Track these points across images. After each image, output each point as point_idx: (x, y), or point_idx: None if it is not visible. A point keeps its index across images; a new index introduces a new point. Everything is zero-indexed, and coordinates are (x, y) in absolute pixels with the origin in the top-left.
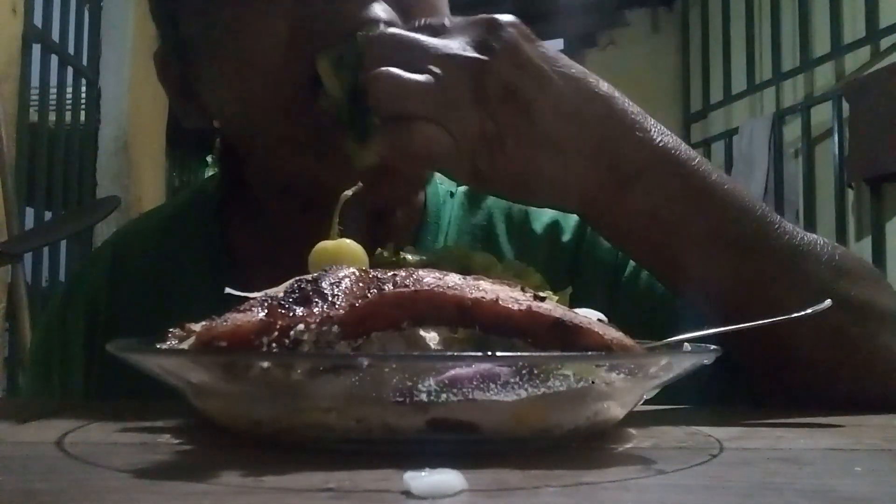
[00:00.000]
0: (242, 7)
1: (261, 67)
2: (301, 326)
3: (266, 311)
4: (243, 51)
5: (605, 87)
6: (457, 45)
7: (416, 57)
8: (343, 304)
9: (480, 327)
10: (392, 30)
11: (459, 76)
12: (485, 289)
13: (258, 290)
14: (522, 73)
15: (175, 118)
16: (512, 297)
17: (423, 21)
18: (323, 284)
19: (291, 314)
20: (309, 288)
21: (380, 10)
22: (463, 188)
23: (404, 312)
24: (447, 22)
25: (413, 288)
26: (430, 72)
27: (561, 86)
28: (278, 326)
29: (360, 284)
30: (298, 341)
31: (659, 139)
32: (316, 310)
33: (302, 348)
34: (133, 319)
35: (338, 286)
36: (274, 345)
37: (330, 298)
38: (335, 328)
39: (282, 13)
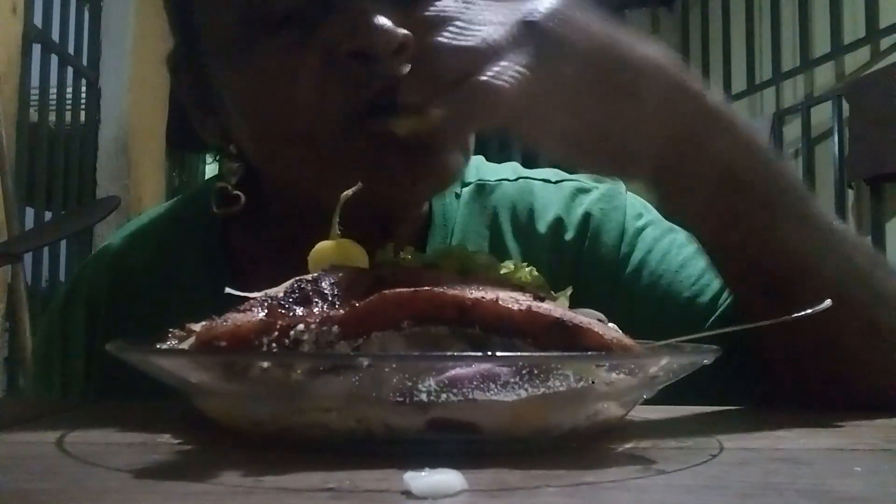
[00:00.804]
0: (261, 45)
1: (279, 80)
2: (301, 326)
3: (266, 311)
4: (262, 67)
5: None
6: (501, 15)
7: (464, 30)
8: (343, 304)
9: (480, 327)
10: (434, 10)
11: (513, 37)
12: (485, 289)
13: (258, 291)
14: (573, 29)
15: (175, 118)
16: (512, 297)
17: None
18: (323, 284)
19: (291, 314)
20: (309, 288)
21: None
22: (468, 189)
23: (404, 312)
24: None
25: (413, 288)
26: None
27: (615, 38)
28: (278, 326)
29: (360, 284)
30: (298, 341)
31: (712, 95)
32: (316, 310)
33: (302, 348)
34: (133, 319)
35: (338, 286)
36: (274, 345)
37: (330, 298)
38: (335, 328)
39: (298, 33)
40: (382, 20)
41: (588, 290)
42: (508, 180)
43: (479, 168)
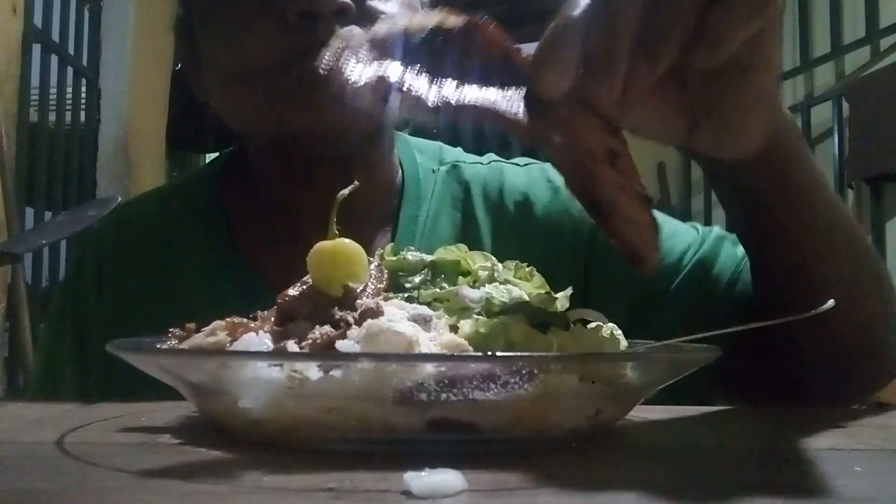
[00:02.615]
0: (229, 8)
1: (240, 39)
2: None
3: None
4: (226, 29)
5: None
6: None
7: None
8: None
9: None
10: None
11: None
12: None
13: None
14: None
15: (175, 118)
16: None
17: None
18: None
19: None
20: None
21: None
22: (444, 167)
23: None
24: None
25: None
26: None
27: None
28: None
29: None
30: None
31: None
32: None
33: None
34: (136, 267)
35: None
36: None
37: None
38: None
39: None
40: None
41: (562, 256)
42: (481, 164)
43: (456, 154)
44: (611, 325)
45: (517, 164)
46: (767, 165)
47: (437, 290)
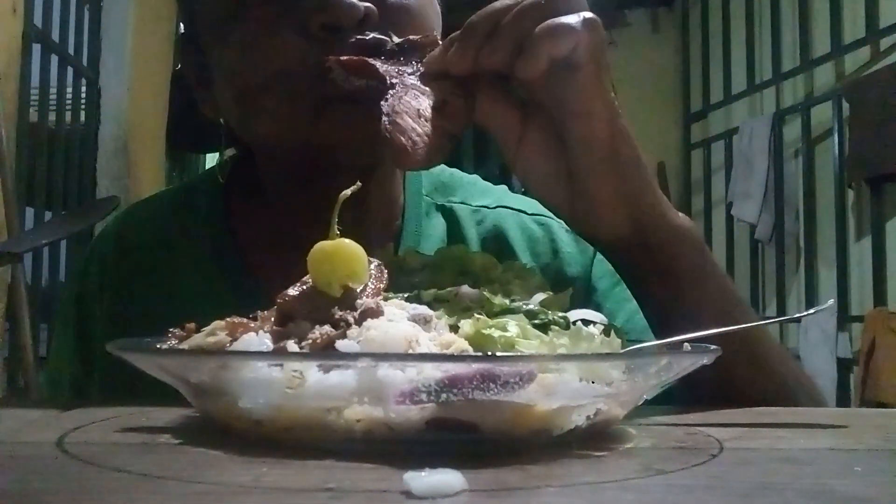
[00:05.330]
0: (244, 20)
1: (260, 50)
2: None
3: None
4: (245, 40)
5: None
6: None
7: None
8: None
9: None
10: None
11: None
12: None
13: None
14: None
15: (175, 118)
16: None
17: None
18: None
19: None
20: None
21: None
22: (449, 203)
23: None
24: None
25: None
26: None
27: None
28: None
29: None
30: None
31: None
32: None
33: None
34: (138, 278)
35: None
36: None
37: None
38: None
39: (275, 10)
40: None
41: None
42: (488, 207)
43: (464, 193)
44: (611, 325)
45: (524, 212)
46: (649, 256)
47: (437, 290)
